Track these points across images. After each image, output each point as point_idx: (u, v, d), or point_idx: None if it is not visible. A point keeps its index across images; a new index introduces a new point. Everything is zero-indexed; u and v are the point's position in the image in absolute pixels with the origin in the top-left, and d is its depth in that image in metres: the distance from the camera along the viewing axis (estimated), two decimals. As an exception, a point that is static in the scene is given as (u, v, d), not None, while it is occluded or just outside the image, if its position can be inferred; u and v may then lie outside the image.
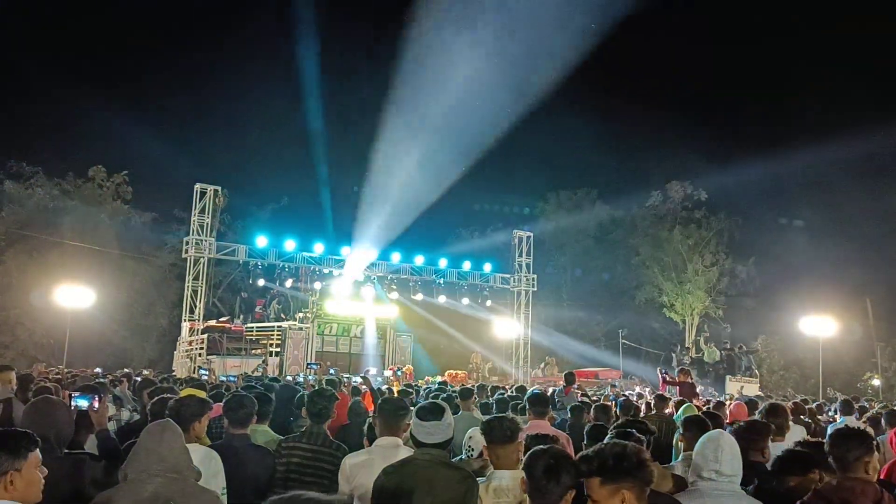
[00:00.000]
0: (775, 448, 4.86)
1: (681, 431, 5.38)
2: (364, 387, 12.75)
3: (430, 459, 3.99)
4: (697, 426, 5.12)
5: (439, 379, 22.33)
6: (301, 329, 27.55)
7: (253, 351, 26.93)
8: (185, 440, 3.67)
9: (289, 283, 29.33)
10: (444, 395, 9.48)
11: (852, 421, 9.25)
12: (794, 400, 14.25)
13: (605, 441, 4.25)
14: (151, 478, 3.35)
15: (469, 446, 5.24)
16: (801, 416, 9.78)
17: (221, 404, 5.74)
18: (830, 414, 12.27)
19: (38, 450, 3.20)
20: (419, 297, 32.15)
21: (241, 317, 30.55)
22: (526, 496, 3.40)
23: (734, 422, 6.51)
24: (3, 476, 3.05)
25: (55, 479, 3.84)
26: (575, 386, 12.06)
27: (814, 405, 12.58)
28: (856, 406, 11.08)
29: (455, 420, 4.37)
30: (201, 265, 28.04)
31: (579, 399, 10.96)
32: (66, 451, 4.19)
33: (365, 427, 6.07)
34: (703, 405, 10.81)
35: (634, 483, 3.00)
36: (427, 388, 14.40)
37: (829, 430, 8.70)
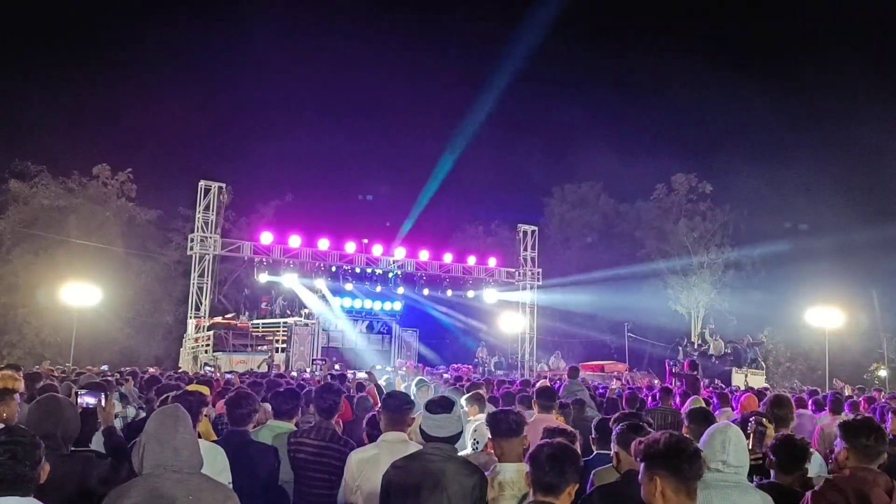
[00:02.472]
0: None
1: (686, 423, 5.38)
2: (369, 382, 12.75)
3: (439, 454, 4.00)
4: (702, 418, 5.13)
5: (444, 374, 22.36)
6: (307, 325, 27.59)
7: (259, 347, 26.99)
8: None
9: (294, 278, 29.36)
10: (452, 388, 9.50)
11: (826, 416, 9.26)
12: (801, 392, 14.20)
13: (617, 431, 4.27)
14: (168, 473, 3.32)
15: (475, 439, 5.25)
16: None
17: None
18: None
19: None
20: (425, 291, 32.17)
21: (247, 313, 30.61)
22: (529, 490, 3.41)
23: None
24: None
25: (61, 477, 3.85)
26: (579, 379, 12.02)
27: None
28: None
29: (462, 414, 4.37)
30: (206, 262, 28.08)
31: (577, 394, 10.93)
32: (73, 448, 4.19)
33: (364, 422, 6.08)
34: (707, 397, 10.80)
35: (668, 473, 3.05)
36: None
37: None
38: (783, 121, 44.23)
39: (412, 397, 5.44)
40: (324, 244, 29.49)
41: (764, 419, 4.38)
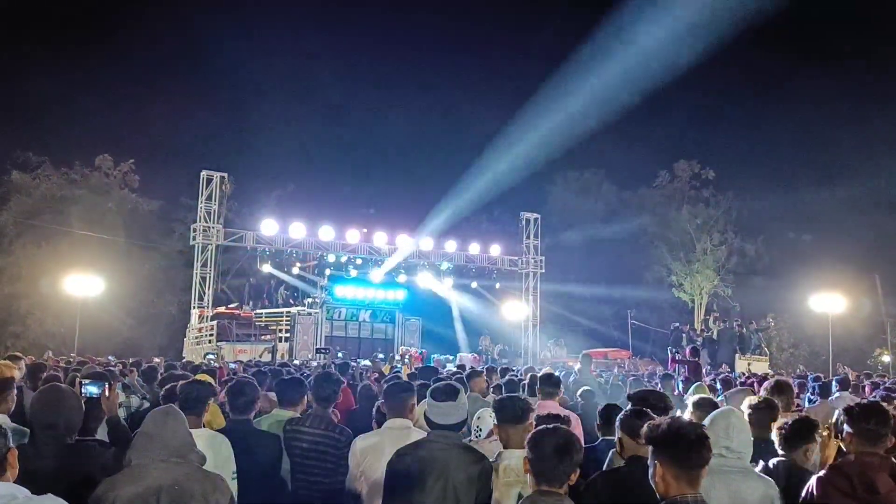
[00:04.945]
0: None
1: (690, 410, 5.37)
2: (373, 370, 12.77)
3: (444, 441, 3.99)
4: (707, 405, 5.11)
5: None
6: (310, 314, 27.61)
7: (262, 337, 27.02)
8: (189, 424, 3.66)
9: (296, 268, 29.37)
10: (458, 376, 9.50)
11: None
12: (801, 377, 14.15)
13: (620, 417, 4.27)
14: (156, 463, 3.37)
15: (477, 426, 5.25)
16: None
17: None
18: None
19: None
20: (428, 280, 32.15)
21: (251, 303, 30.64)
22: (528, 476, 3.39)
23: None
24: None
25: (64, 466, 3.87)
26: (591, 366, 12.04)
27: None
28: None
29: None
30: (209, 252, 28.11)
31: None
32: (77, 438, 4.19)
33: (374, 410, 6.07)
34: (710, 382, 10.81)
35: (668, 459, 3.04)
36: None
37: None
38: (785, 107, 44.07)
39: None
40: (326, 233, 29.48)
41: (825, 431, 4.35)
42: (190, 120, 43.16)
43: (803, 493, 3.87)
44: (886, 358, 33.89)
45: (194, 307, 28.13)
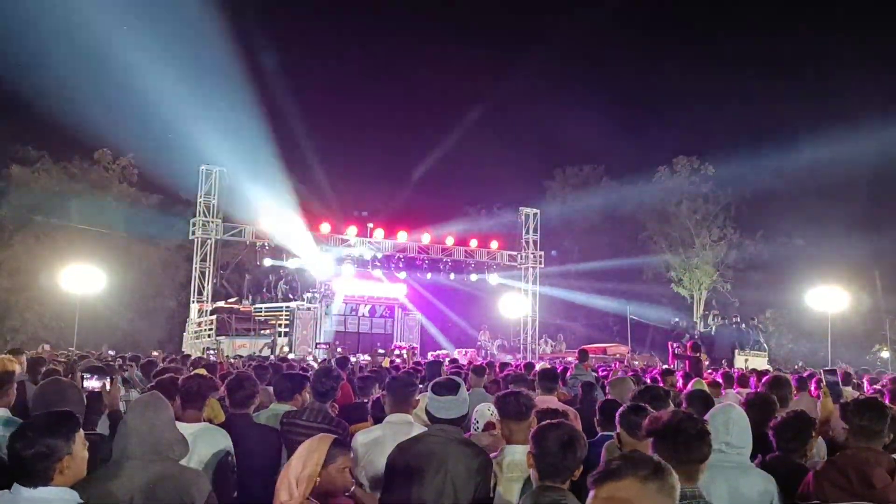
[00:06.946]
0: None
1: (684, 406, 5.38)
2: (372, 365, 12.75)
3: (444, 435, 4.00)
4: (701, 401, 5.13)
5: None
6: (309, 309, 27.62)
7: (262, 331, 27.01)
8: (190, 418, 3.63)
9: (296, 262, 29.37)
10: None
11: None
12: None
13: (620, 412, 4.28)
14: (131, 461, 3.32)
15: (475, 420, 5.27)
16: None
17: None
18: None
19: (80, 428, 3.13)
20: (427, 275, 32.16)
21: (250, 297, 30.63)
22: (531, 470, 3.40)
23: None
24: (59, 462, 2.99)
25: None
26: (589, 362, 12.02)
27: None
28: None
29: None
30: (208, 246, 28.08)
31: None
32: (79, 431, 4.20)
33: (370, 405, 6.08)
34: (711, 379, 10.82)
35: (667, 452, 3.00)
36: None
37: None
38: (786, 102, 44.07)
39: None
40: (325, 228, 29.48)
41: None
42: (189, 114, 43.10)
43: (800, 488, 3.89)
44: (885, 354, 33.93)
45: (194, 302, 28.12)
